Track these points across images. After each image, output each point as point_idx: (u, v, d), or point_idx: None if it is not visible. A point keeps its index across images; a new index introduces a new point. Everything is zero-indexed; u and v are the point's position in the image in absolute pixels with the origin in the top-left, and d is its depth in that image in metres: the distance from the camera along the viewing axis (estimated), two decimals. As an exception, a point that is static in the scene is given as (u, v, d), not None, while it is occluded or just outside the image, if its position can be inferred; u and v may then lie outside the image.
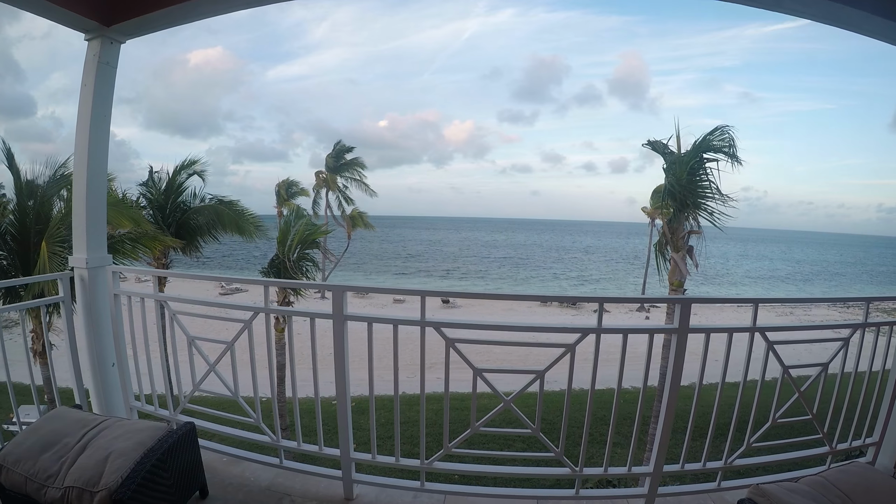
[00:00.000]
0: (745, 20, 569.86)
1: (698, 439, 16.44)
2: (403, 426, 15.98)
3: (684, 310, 4.32)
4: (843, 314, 57.42)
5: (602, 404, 21.30)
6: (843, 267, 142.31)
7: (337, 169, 51.17)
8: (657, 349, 27.81)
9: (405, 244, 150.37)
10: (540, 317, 47.13)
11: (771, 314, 55.46)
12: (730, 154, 11.93)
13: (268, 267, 14.08)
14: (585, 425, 5.39)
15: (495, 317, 45.33)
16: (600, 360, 20.13)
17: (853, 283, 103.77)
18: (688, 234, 12.81)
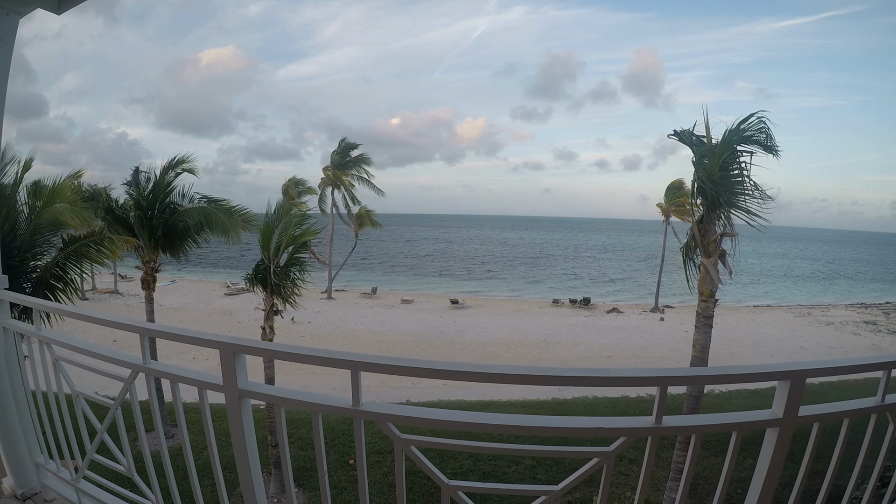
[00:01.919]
0: (756, 16, 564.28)
1: (720, 455, 14.80)
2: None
3: (794, 389, 2.53)
4: (862, 314, 55.65)
5: (618, 414, 19.86)
6: (861, 265, 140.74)
7: (343, 166, 49.88)
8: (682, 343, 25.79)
9: (416, 243, 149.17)
10: (550, 317, 45.78)
11: (788, 315, 53.96)
12: (766, 146, 10.54)
13: (253, 273, 12.79)
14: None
15: (505, 318, 44.09)
16: (616, 364, 18.54)
17: (873, 282, 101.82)
18: (720, 237, 11.35)
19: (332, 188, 51.06)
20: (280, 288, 12.77)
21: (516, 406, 21.80)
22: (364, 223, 53.53)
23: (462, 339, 34.63)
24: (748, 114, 10.51)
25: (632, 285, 77.39)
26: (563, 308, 52.40)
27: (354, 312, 43.05)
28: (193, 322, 35.85)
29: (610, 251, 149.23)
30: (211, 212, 16.50)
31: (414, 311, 45.84)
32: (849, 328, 46.93)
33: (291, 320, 36.89)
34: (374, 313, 43.33)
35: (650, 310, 52.69)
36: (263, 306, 13.34)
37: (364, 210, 53.17)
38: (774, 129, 10.65)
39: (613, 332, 39.73)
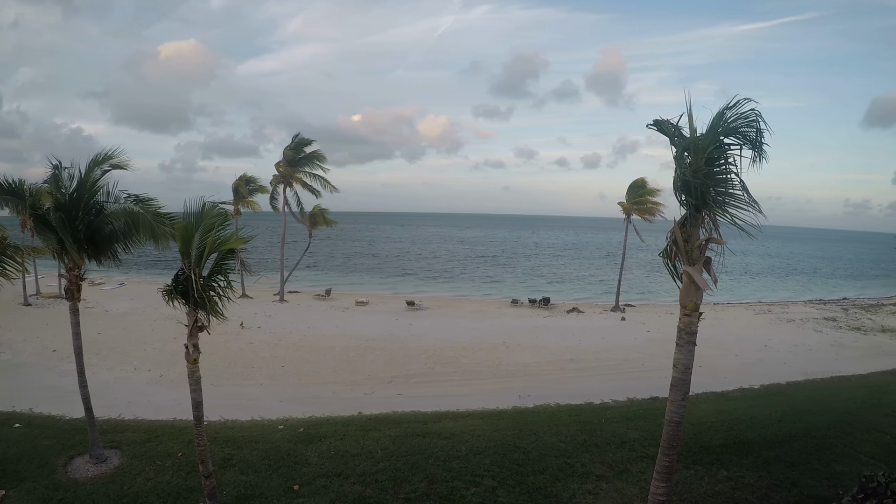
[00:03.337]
0: (716, 20, 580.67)
1: (693, 466, 13.65)
2: (355, 459, 12.99)
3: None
4: (822, 311, 55.99)
5: (583, 425, 18.70)
6: (818, 262, 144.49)
7: (296, 163, 48.02)
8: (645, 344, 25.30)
9: (375, 242, 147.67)
10: (510, 318, 44.75)
11: (748, 313, 53.87)
12: (753, 141, 9.24)
13: (172, 284, 11.18)
14: None
15: (463, 320, 43.06)
16: (578, 367, 16.89)
17: (830, 278, 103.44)
18: (706, 242, 10.04)
19: (285, 186, 49.12)
20: (204, 301, 11.18)
21: (475, 416, 20.52)
22: (318, 222, 51.90)
23: (418, 344, 33.30)
24: (735, 100, 9.26)
25: (592, 284, 77.04)
26: (523, 308, 51.51)
27: (307, 316, 41.45)
28: (138, 329, 34.02)
29: (570, 249, 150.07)
30: (138, 214, 14.88)
31: (369, 313, 44.42)
32: (810, 325, 47.01)
33: (240, 325, 35.28)
34: (327, 316, 41.78)
35: (611, 309, 52.17)
36: (186, 321, 11.75)
37: (318, 208, 51.56)
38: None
39: (575, 334, 38.81)
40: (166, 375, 25.26)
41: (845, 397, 25.11)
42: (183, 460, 15.75)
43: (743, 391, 25.91)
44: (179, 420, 18.93)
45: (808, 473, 16.57)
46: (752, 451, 17.92)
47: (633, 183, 50.88)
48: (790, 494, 15.25)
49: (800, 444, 18.73)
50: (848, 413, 22.39)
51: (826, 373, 30.08)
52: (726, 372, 28.92)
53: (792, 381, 27.96)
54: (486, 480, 15.03)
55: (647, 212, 49.41)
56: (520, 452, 16.94)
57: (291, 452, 16.48)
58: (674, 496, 14.27)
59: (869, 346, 39.46)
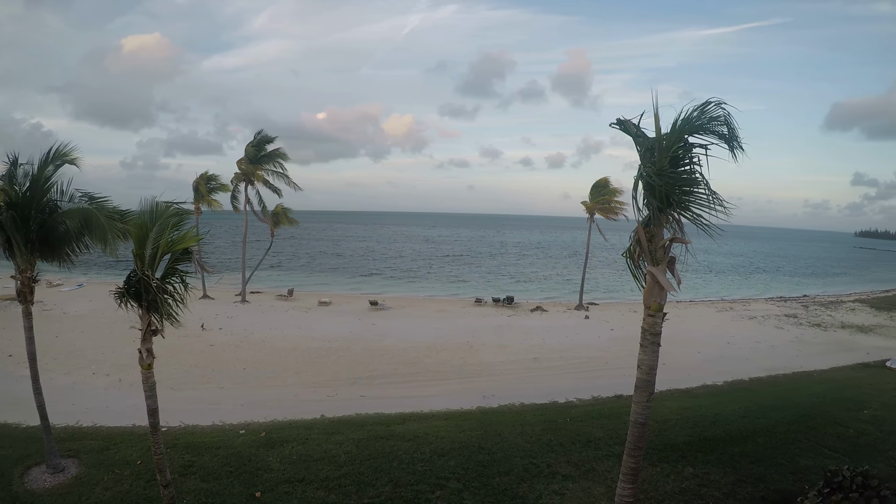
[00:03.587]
0: (682, 25, 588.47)
1: (659, 464, 13.61)
2: (318, 463, 12.67)
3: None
4: (783, 308, 56.92)
5: (548, 425, 18.63)
6: (778, 260, 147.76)
7: (258, 160, 47.23)
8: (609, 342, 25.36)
9: (339, 241, 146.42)
10: (474, 318, 44.62)
11: (711, 310, 54.54)
12: (727, 137, 9.15)
13: (125, 286, 10.75)
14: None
15: (427, 320, 42.89)
16: (542, 366, 16.73)
17: (791, 276, 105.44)
18: (670, 242, 9.92)
19: (246, 184, 48.31)
20: (157, 304, 10.79)
21: (439, 417, 20.32)
22: (280, 221, 51.12)
23: (381, 345, 33.02)
24: (705, 100, 9.14)
25: (556, 283, 77.37)
26: (487, 307, 51.47)
27: (269, 317, 40.85)
28: (97, 332, 33.15)
29: (534, 248, 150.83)
30: (92, 214, 14.33)
31: (332, 313, 43.97)
32: (771, 322, 47.75)
33: (201, 327, 34.68)
34: (289, 317, 41.23)
35: (575, 307, 52.41)
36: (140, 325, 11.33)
37: (280, 207, 50.81)
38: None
39: (539, 333, 38.86)
40: (125, 380, 24.63)
41: (807, 392, 25.46)
42: (142, 468, 15.30)
43: (707, 388, 26.12)
44: (139, 426, 18.39)
45: (773, 468, 16.73)
46: (717, 448, 18.01)
47: (596, 182, 51.14)
48: (756, 490, 15.36)
49: (764, 440, 18.91)
50: (811, 408, 22.70)
51: (788, 368, 30.54)
52: (690, 369, 29.12)
53: (755, 378, 28.28)
54: (451, 483, 14.84)
55: (611, 211, 49.75)
56: (485, 453, 16.78)
57: (253, 458, 16.09)
58: (640, 495, 14.24)
59: (829, 342, 40.21)
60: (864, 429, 20.62)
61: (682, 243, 9.85)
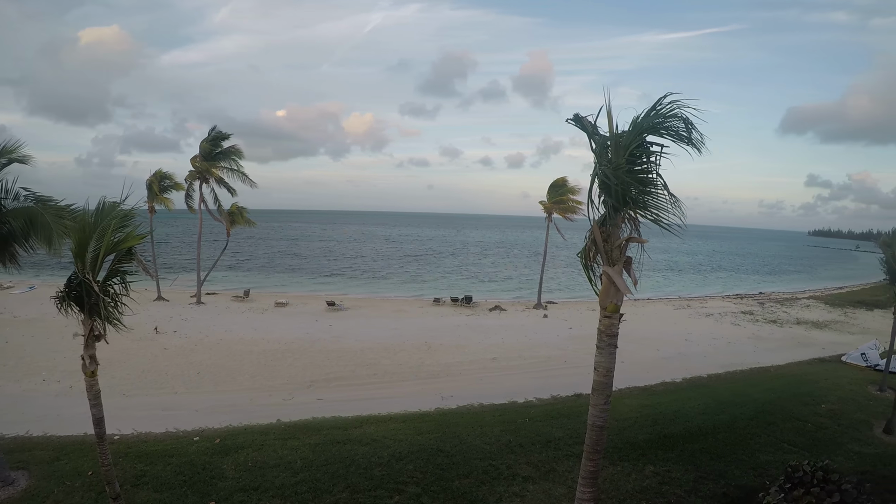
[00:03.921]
0: (643, 28, 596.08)
1: (619, 463, 13.57)
2: (274, 470, 12.32)
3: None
4: (739, 305, 57.88)
5: (507, 425, 18.52)
6: (734, 258, 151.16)
7: (213, 157, 46.32)
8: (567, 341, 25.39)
9: (298, 241, 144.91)
10: (432, 318, 44.44)
11: (669, 307, 55.20)
12: (684, 136, 9.05)
13: (65, 290, 10.30)
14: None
15: (385, 320, 42.64)
16: (501, 366, 16.57)
17: (747, 274, 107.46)
18: (626, 242, 9.79)
19: (201, 182, 47.38)
20: (99, 308, 10.37)
21: (397, 420, 20.04)
22: (237, 220, 50.13)
23: (338, 346, 32.59)
24: (662, 96, 9.03)
25: (515, 282, 77.58)
26: (445, 307, 51.38)
27: (225, 318, 40.13)
28: (49, 337, 32.03)
29: (493, 247, 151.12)
30: (36, 213, 13.78)
31: (289, 315, 43.39)
32: (728, 318, 48.54)
33: (155, 330, 33.89)
34: (245, 319, 40.54)
35: (533, 306, 52.59)
36: (82, 331, 10.88)
37: (236, 206, 49.81)
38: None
39: (497, 332, 38.85)
40: (77, 387, 23.69)
41: (765, 388, 25.87)
42: (93, 479, 14.71)
43: (665, 385, 26.34)
44: (91, 435, 17.63)
45: (733, 464, 16.87)
46: (677, 445, 18.12)
47: (554, 182, 51.29)
48: (717, 486, 15.44)
49: (724, 436, 19.12)
50: (769, 403, 23.08)
51: (745, 364, 30.99)
52: (649, 367, 29.37)
53: (713, 374, 28.64)
54: (409, 487, 14.58)
55: (569, 210, 49.96)
56: (443, 456, 16.56)
57: (207, 466, 15.59)
58: (601, 494, 14.18)
59: (785, 338, 41.04)
60: (822, 423, 21.04)
61: (639, 243, 9.75)
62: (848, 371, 30.00)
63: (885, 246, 24.22)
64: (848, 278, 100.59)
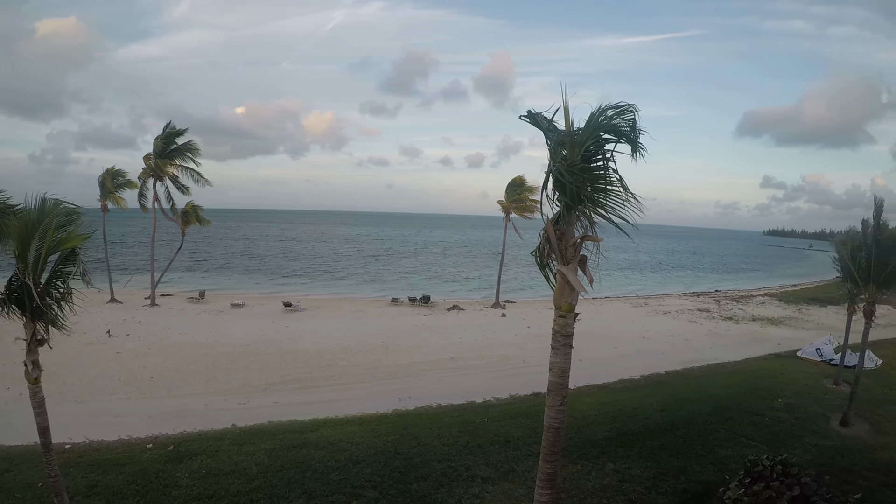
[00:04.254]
0: (603, 32, 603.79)
1: (579, 461, 13.53)
2: (229, 477, 11.99)
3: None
4: (695, 303, 58.73)
5: (466, 426, 18.40)
6: (691, 257, 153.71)
7: (166, 155, 45.41)
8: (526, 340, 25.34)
9: (256, 241, 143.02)
10: (390, 318, 44.26)
11: (626, 306, 55.75)
12: (631, 139, 9.03)
13: (6, 293, 9.90)
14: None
15: (342, 321, 42.36)
16: (459, 366, 16.43)
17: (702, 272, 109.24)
18: (580, 240, 9.70)
19: (155, 180, 46.45)
20: (42, 311, 10.01)
21: (354, 422, 19.79)
22: (191, 220, 49.12)
23: (295, 348, 32.21)
24: (623, 102, 8.96)
25: (473, 281, 77.76)
26: (403, 307, 51.30)
27: (180, 321, 39.39)
28: (0, 342, 30.99)
29: (452, 247, 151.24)
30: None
31: (244, 316, 42.85)
32: (685, 316, 49.20)
33: (107, 334, 33.10)
34: (200, 321, 39.85)
35: (491, 305, 52.72)
36: (24, 335, 10.49)
37: (191, 205, 48.89)
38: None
39: (456, 332, 38.83)
40: (27, 393, 23.11)
41: (723, 384, 26.18)
42: (44, 491, 14.15)
43: (624, 382, 26.56)
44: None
45: (693, 460, 17.00)
46: (637, 442, 18.19)
47: (511, 181, 51.50)
48: (677, 482, 15.54)
49: (683, 432, 19.27)
50: (727, 399, 23.33)
51: (703, 361, 31.38)
52: (607, 364, 29.59)
53: (671, 371, 28.98)
54: (367, 492, 14.36)
55: (526, 209, 50.21)
56: (401, 459, 16.35)
57: (161, 474, 15.09)
58: (562, 493, 14.15)
59: (741, 335, 41.75)
60: (779, 417, 21.38)
61: (594, 241, 9.67)
62: (803, 366, 30.51)
63: (839, 245, 24.74)
64: (802, 276, 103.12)
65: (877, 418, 22.08)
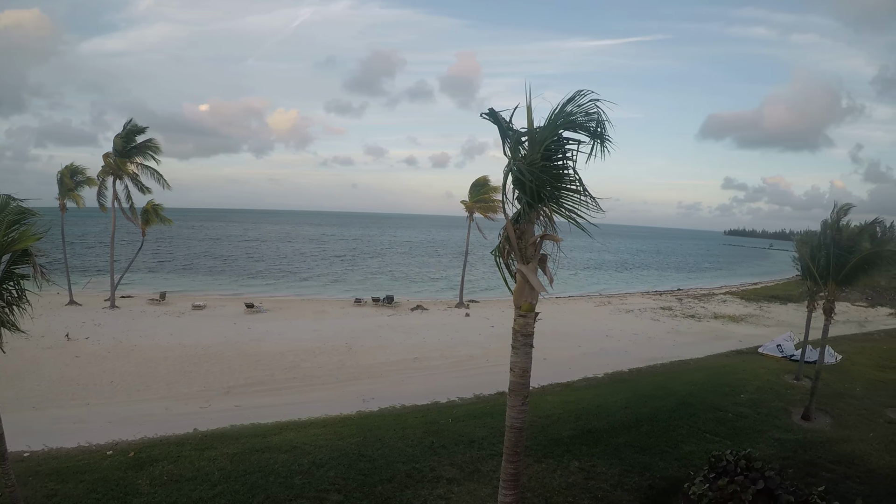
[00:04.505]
0: (569, 35, 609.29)
1: (544, 460, 13.56)
2: (190, 483, 11.84)
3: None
4: (658, 301, 59.43)
5: (430, 426, 18.35)
6: (654, 256, 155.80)
7: (126, 153, 44.54)
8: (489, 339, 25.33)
9: (221, 241, 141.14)
10: (354, 318, 44.05)
11: (590, 304, 56.22)
12: (595, 133, 9.03)
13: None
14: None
15: (305, 321, 42.07)
16: (423, 366, 16.45)
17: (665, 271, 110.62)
18: (541, 239, 9.71)
19: (115, 178, 45.40)
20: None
21: (317, 425, 19.61)
22: (151, 220, 48.10)
23: (257, 350, 31.90)
24: (575, 92, 9.00)
25: (437, 281, 77.75)
26: (366, 307, 51.13)
27: (140, 323, 38.76)
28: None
29: (416, 247, 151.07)
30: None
31: (206, 318, 42.29)
32: (648, 314, 49.77)
33: (66, 337, 32.44)
34: (161, 323, 39.22)
35: (455, 305, 52.80)
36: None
37: (152, 204, 47.93)
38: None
39: (419, 332, 38.84)
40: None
41: (686, 380, 26.48)
42: (1, 502, 13.95)
43: (588, 381, 26.68)
44: (1, 454, 16.79)
45: (658, 456, 17.15)
46: (601, 440, 18.30)
47: (475, 181, 51.61)
48: (642, 478, 15.64)
49: (647, 429, 19.44)
50: (690, 395, 23.63)
51: (665, 358, 31.74)
52: (571, 363, 29.78)
53: (634, 368, 29.23)
54: (331, 495, 14.20)
55: (489, 209, 50.35)
56: (366, 461, 16.21)
57: (121, 482, 14.71)
58: (527, 492, 14.20)
59: (703, 332, 42.35)
60: (742, 412, 21.72)
61: (554, 240, 9.67)
62: (764, 362, 31.09)
63: (800, 244, 25.43)
64: (762, 274, 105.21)
65: (837, 412, 22.57)
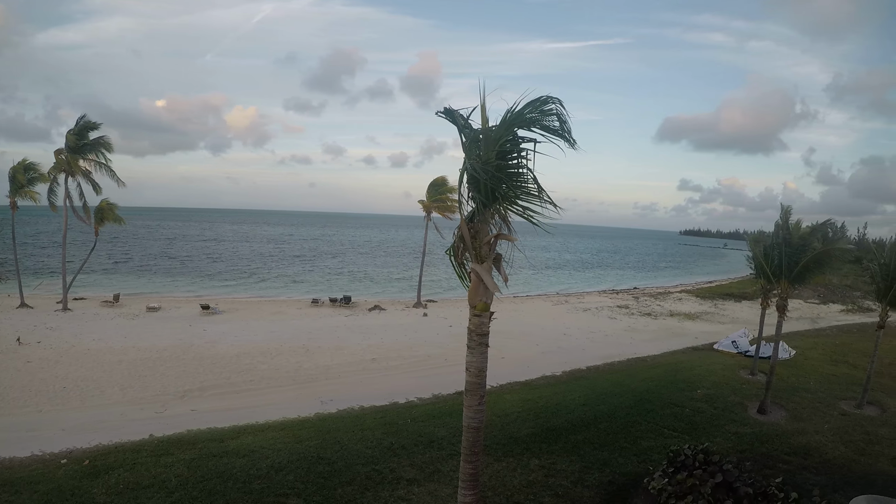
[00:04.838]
0: (529, 37, 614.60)
1: (504, 459, 13.69)
2: (147, 491, 11.75)
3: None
4: (615, 300, 60.22)
5: (389, 427, 18.39)
6: (612, 255, 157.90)
7: (79, 149, 43.58)
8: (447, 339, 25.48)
9: (177, 241, 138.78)
10: (311, 319, 43.78)
11: (547, 303, 56.69)
12: (559, 132, 9.10)
13: None
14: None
15: (262, 323, 41.70)
16: (381, 367, 16.57)
17: (622, 270, 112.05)
18: (495, 239, 9.80)
19: (67, 176, 44.31)
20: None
21: (275, 428, 19.39)
22: (106, 218, 47.08)
23: (213, 352, 31.51)
24: (538, 96, 9.07)
25: (394, 281, 77.70)
26: (324, 308, 50.94)
27: (93, 326, 37.97)
28: None
29: (374, 247, 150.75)
30: None
31: (161, 320, 41.53)
32: (605, 313, 50.37)
33: (17, 341, 31.70)
34: (115, 325, 38.45)
35: (413, 305, 52.88)
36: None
37: (106, 202, 46.98)
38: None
39: (377, 332, 38.78)
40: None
41: (643, 377, 26.82)
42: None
43: (546, 378, 26.75)
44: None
45: (617, 452, 17.32)
46: (560, 437, 18.43)
47: (433, 181, 51.78)
48: (602, 475, 15.77)
49: (606, 425, 19.64)
50: (647, 391, 23.96)
51: (623, 356, 32.14)
52: (529, 361, 29.92)
53: (592, 366, 29.46)
54: (290, 499, 14.04)
55: (447, 209, 50.56)
56: (325, 464, 16.05)
57: (76, 491, 14.28)
58: (488, 492, 14.25)
59: (660, 330, 43.01)
60: (699, 407, 22.09)
61: (509, 240, 9.73)
62: (720, 358, 31.69)
63: (753, 244, 26.12)
64: (717, 273, 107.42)
65: (792, 405, 23.13)
